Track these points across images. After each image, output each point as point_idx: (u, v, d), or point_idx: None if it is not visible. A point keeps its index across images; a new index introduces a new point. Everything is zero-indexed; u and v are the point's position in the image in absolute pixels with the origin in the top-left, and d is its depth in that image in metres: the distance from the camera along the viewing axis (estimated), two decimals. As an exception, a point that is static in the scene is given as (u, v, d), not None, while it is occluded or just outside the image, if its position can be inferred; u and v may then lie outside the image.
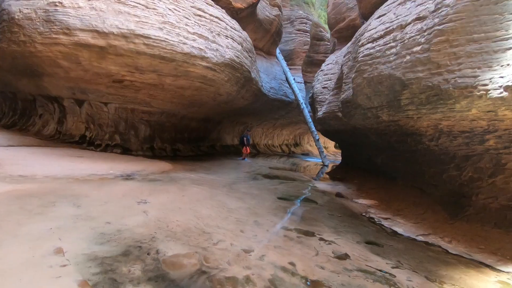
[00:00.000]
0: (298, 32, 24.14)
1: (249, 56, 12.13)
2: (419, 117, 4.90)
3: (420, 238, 4.68)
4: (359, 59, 5.61)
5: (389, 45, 4.95)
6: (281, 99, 19.67)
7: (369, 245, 4.13)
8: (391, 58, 4.83)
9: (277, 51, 21.92)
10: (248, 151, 16.10)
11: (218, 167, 10.81)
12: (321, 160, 22.89)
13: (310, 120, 20.48)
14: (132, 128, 11.54)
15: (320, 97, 11.64)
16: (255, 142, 25.61)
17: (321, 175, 13.54)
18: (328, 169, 15.51)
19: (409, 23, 4.60)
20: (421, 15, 4.37)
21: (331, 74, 11.48)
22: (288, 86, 20.97)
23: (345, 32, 14.86)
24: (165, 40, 7.94)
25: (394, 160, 7.95)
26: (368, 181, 9.55)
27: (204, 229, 3.81)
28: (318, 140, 19.98)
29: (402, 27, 4.81)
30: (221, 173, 9.41)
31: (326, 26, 28.64)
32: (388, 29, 5.11)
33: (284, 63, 22.16)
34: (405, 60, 4.47)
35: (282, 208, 5.63)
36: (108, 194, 4.89)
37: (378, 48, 5.18)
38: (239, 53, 10.60)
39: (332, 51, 17.74)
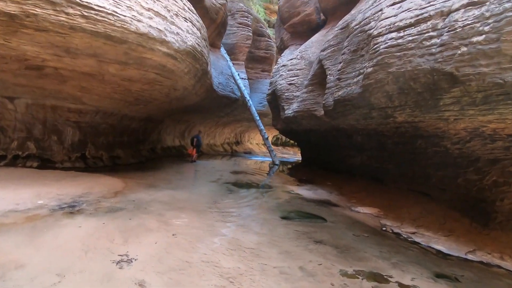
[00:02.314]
0: (240, 25, 22.90)
1: (206, 45, 10.44)
2: (459, 118, 4.34)
3: (471, 257, 4.10)
4: (381, 51, 4.78)
5: (427, 34, 4.23)
6: (229, 95, 18.27)
7: (446, 280, 3.29)
8: (433, 50, 4.12)
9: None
10: (194, 153, 14.53)
11: (175, 177, 8.92)
12: (270, 159, 22.42)
13: (258, 118, 19.64)
14: (54, 132, 8.68)
15: (286, 94, 10.74)
16: (197, 142, 23.61)
17: (271, 174, 12.87)
18: (282, 169, 14.88)
19: (457, 9, 3.94)
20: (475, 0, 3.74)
21: (297, 70, 10.69)
22: (234, 82, 19.69)
23: (299, 27, 14.36)
24: (114, 13, 5.79)
25: (381, 162, 7.55)
26: (345, 183, 9.08)
27: (257, 305, 2.37)
28: (267, 138, 19.28)
29: (443, 13, 4.14)
30: (187, 186, 7.66)
31: (265, 23, 28.43)
32: (420, 17, 4.39)
33: (228, 57, 20.79)
34: (459, 52, 3.79)
35: (302, 235, 4.44)
36: (56, 253, 2.92)
37: (410, 38, 4.43)
38: (199, 40, 8.87)
39: (283, 47, 17.15)
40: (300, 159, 27.63)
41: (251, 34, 23.18)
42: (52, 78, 7.07)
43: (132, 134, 12.24)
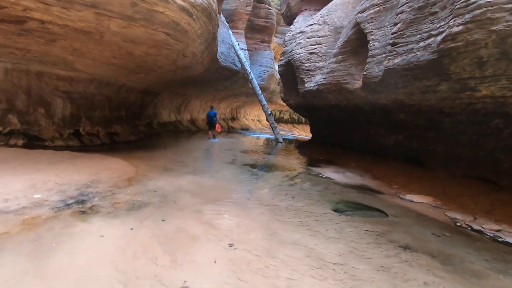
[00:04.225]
0: (240, -11, 20.86)
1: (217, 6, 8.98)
2: None
3: None
4: (480, 3, 3.72)
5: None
6: (230, 67, 16.80)
7: None
8: None
9: (219, 9, 18.51)
10: (219, 128, 13.70)
11: (187, 157, 7.84)
12: (269, 136, 21.44)
13: (260, 92, 18.45)
14: (41, 103, 7.31)
15: (307, 64, 9.55)
16: (193, 117, 22.27)
17: (275, 152, 12.07)
18: (289, 147, 13.99)
19: None
20: None
21: (320, 36, 9.44)
22: (234, 52, 18.09)
23: (315, -10, 12.86)
24: None
25: (425, 143, 6.70)
26: (374, 165, 8.27)
27: None
28: (270, 114, 18.19)
29: None
30: (205, 169, 6.64)
31: (265, -13, 26.16)
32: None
33: (227, 25, 19.03)
34: None
35: (378, 237, 3.56)
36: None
37: (530, -16, 3.40)
38: (213, -4, 7.45)
39: (290, 14, 15.65)
40: (300, 136, 26.92)
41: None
42: (37, 35, 5.65)
43: (129, 108, 10.90)
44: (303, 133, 33.48)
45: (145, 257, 2.38)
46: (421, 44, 4.88)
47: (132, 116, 11.49)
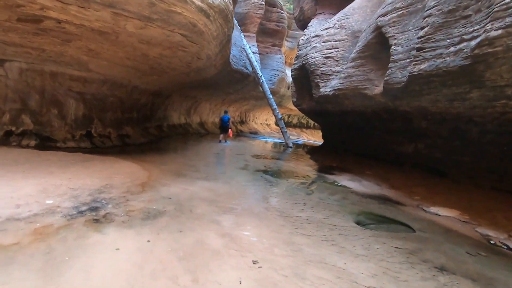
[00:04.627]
0: (252, -8, 20.80)
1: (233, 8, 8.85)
2: None
3: None
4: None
5: None
6: (241, 70, 16.70)
7: None
8: None
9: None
10: (231, 133, 13.71)
11: (199, 162, 7.66)
12: (278, 140, 21.23)
13: (271, 96, 18.26)
14: (54, 104, 7.24)
15: (322, 69, 9.33)
16: (202, 120, 22.19)
17: (285, 156, 11.85)
18: (300, 152, 13.73)
19: None
20: None
21: (336, 41, 9.22)
22: (245, 55, 17.97)
23: (330, -6, 12.68)
24: None
25: (448, 152, 6.39)
26: (391, 174, 7.96)
27: None
28: (280, 119, 17.95)
29: None
30: (218, 175, 6.44)
31: (278, -9, 26.09)
32: None
33: (239, 28, 18.94)
34: None
35: (409, 256, 3.31)
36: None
37: None
38: (229, -2, 7.31)
39: (303, 18, 15.48)
40: (308, 141, 26.60)
41: (263, 3, 21.17)
42: (53, 35, 5.56)
43: (140, 110, 10.81)
44: (312, 138, 33.18)
45: (164, 276, 2.18)
46: (452, 49, 4.62)
47: (143, 118, 11.41)
